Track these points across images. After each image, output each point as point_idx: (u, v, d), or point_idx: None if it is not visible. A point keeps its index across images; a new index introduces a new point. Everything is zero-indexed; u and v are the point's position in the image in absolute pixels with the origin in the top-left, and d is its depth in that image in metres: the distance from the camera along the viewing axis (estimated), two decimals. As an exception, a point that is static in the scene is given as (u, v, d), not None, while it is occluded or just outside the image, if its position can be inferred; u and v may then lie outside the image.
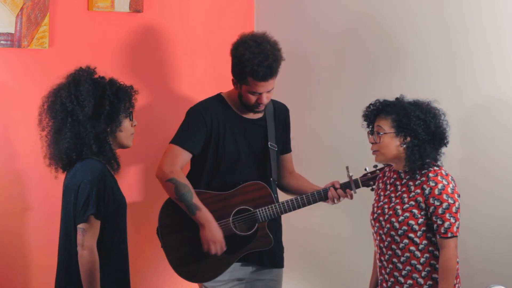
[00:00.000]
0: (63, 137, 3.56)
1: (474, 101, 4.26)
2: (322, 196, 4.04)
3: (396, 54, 4.52)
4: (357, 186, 4.02)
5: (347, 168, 3.99)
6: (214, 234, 3.98)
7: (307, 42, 4.84)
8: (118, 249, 3.63)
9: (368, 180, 4.01)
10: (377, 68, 4.58)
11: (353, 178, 4.01)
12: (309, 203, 4.05)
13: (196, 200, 3.98)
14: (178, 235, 4.04)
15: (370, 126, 3.72)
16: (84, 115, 3.54)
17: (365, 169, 4.00)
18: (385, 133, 3.66)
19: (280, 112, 4.21)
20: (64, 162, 3.61)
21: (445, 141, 3.68)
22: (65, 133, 3.55)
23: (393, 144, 3.66)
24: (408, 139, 3.64)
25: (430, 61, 4.40)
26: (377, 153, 3.69)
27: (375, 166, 3.93)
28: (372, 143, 3.70)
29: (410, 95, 3.74)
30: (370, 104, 3.72)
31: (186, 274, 4.06)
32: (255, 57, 3.90)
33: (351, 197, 4.05)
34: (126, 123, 3.66)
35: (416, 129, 3.62)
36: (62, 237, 3.62)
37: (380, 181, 3.84)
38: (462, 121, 4.22)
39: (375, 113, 3.70)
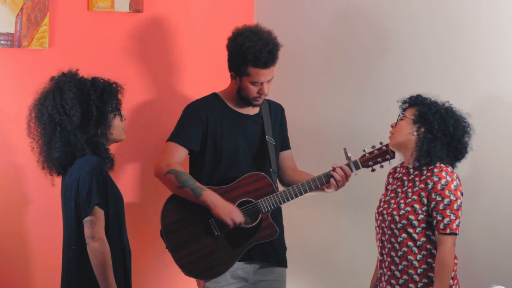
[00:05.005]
0: (53, 146, 3.57)
1: (474, 100, 4.26)
2: (323, 180, 4.02)
3: (396, 53, 4.52)
4: (357, 167, 4.02)
5: (345, 149, 4.00)
6: (226, 208, 3.95)
7: (306, 39, 4.84)
8: (120, 242, 3.64)
9: (366, 160, 4.00)
10: (377, 67, 4.58)
11: (352, 160, 4.01)
12: (311, 189, 4.03)
13: (199, 183, 3.97)
14: (182, 233, 4.01)
15: (401, 114, 3.79)
16: (73, 124, 3.55)
17: (364, 150, 4.01)
18: (405, 117, 3.69)
19: (276, 111, 4.23)
20: (58, 170, 3.62)
21: (460, 156, 3.70)
22: (55, 142, 3.56)
23: (407, 130, 3.70)
24: (422, 129, 3.66)
25: (430, 61, 4.41)
26: (391, 136, 3.77)
27: (373, 146, 3.96)
28: (392, 127, 3.77)
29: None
30: (412, 96, 3.78)
31: (194, 271, 4.02)
32: (255, 45, 3.94)
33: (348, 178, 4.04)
34: (116, 121, 3.67)
35: (432, 121, 3.64)
36: (66, 237, 3.63)
37: (391, 176, 3.86)
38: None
39: (408, 105, 3.77)
